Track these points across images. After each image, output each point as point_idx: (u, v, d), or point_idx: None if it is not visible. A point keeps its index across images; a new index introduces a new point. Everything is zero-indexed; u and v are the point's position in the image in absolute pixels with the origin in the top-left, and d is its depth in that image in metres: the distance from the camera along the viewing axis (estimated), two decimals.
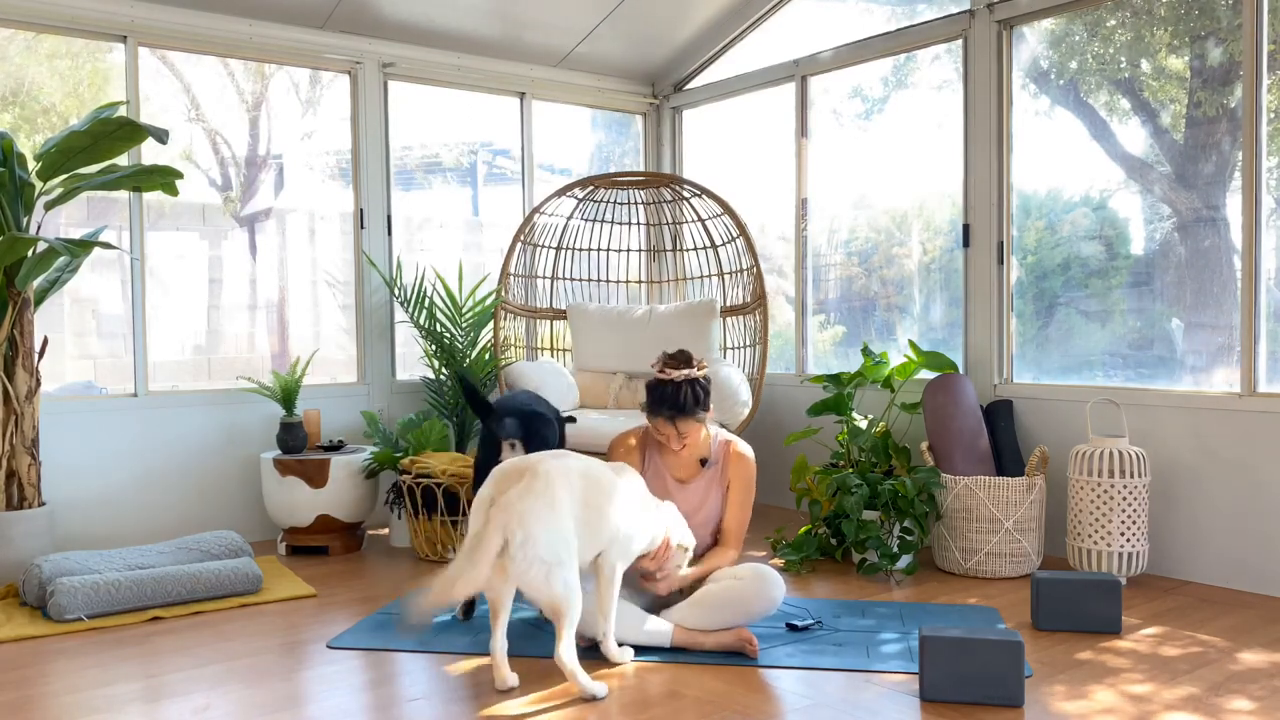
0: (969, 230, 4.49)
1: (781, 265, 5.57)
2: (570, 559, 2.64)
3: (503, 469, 2.72)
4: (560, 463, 2.73)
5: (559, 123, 5.82)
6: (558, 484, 2.66)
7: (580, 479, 2.75)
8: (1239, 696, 2.65)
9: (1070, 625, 3.20)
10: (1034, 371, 4.40)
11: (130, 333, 4.47)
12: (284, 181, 5.18)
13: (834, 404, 4.34)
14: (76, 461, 4.28)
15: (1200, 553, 3.80)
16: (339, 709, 2.61)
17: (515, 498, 2.60)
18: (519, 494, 2.60)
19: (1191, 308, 3.97)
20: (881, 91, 5.07)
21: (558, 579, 2.60)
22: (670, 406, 3.06)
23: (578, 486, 2.73)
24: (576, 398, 5.04)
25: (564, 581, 2.61)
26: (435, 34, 5.09)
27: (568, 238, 5.57)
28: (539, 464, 2.70)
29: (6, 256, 3.61)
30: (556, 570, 2.59)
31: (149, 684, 2.82)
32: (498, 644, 2.73)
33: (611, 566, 2.84)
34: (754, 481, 3.27)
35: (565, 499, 2.66)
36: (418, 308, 4.78)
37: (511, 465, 2.73)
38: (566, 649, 2.63)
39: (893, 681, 2.78)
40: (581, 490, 2.73)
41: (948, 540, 3.94)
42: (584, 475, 2.77)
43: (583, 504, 2.72)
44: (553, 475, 2.67)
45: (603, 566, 2.84)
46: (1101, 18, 4.21)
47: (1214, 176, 3.89)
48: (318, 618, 3.44)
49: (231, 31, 4.64)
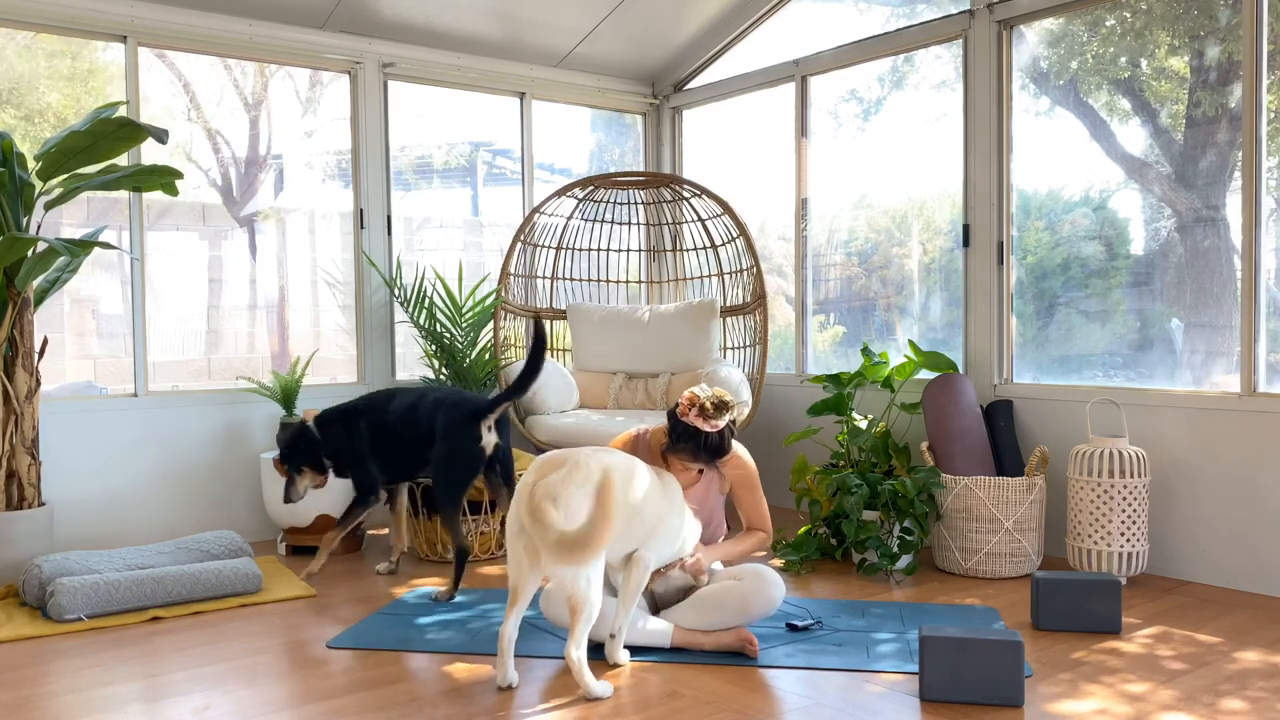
0: (969, 230, 4.49)
1: (781, 265, 5.57)
2: (597, 558, 2.64)
3: (545, 458, 2.75)
4: (601, 458, 2.74)
5: (559, 123, 5.82)
6: (597, 477, 2.67)
7: (620, 475, 2.74)
8: (1237, 697, 2.65)
9: (1070, 625, 3.20)
10: (1034, 371, 4.40)
11: (130, 333, 4.47)
12: (284, 181, 5.18)
13: (834, 404, 4.34)
14: (76, 461, 4.28)
15: (1200, 553, 3.80)
16: (339, 709, 2.61)
17: (558, 482, 2.62)
18: (561, 479, 2.63)
19: (1191, 308, 3.97)
20: (881, 91, 5.07)
21: (583, 572, 2.60)
22: (713, 454, 2.97)
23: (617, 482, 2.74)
24: (576, 398, 5.04)
25: (588, 577, 2.61)
26: (435, 34, 5.09)
27: (568, 238, 5.57)
28: (580, 456, 2.72)
29: (6, 256, 3.61)
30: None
31: (149, 684, 2.82)
32: (508, 632, 2.72)
33: (645, 565, 2.85)
34: (756, 474, 3.24)
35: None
36: (418, 308, 4.78)
37: (553, 454, 2.75)
38: (577, 646, 2.62)
39: (892, 681, 2.78)
40: (622, 490, 2.73)
41: (947, 540, 3.94)
42: (624, 472, 2.77)
43: (622, 503, 2.72)
44: (593, 468, 2.68)
45: (636, 563, 2.84)
46: (1101, 18, 4.21)
47: (1214, 176, 3.89)
48: (318, 618, 3.44)
49: (231, 31, 4.64)
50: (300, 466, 3.90)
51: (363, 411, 3.92)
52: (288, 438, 3.94)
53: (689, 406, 2.91)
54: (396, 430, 3.86)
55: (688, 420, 2.91)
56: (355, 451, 3.88)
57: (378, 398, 3.97)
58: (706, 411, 2.89)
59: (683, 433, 2.94)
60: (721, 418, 2.91)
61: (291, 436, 3.92)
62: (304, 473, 3.91)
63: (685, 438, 2.94)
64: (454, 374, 4.74)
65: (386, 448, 3.87)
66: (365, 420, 3.89)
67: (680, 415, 2.93)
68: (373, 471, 3.89)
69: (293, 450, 3.91)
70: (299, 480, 3.91)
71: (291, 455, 3.91)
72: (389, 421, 3.87)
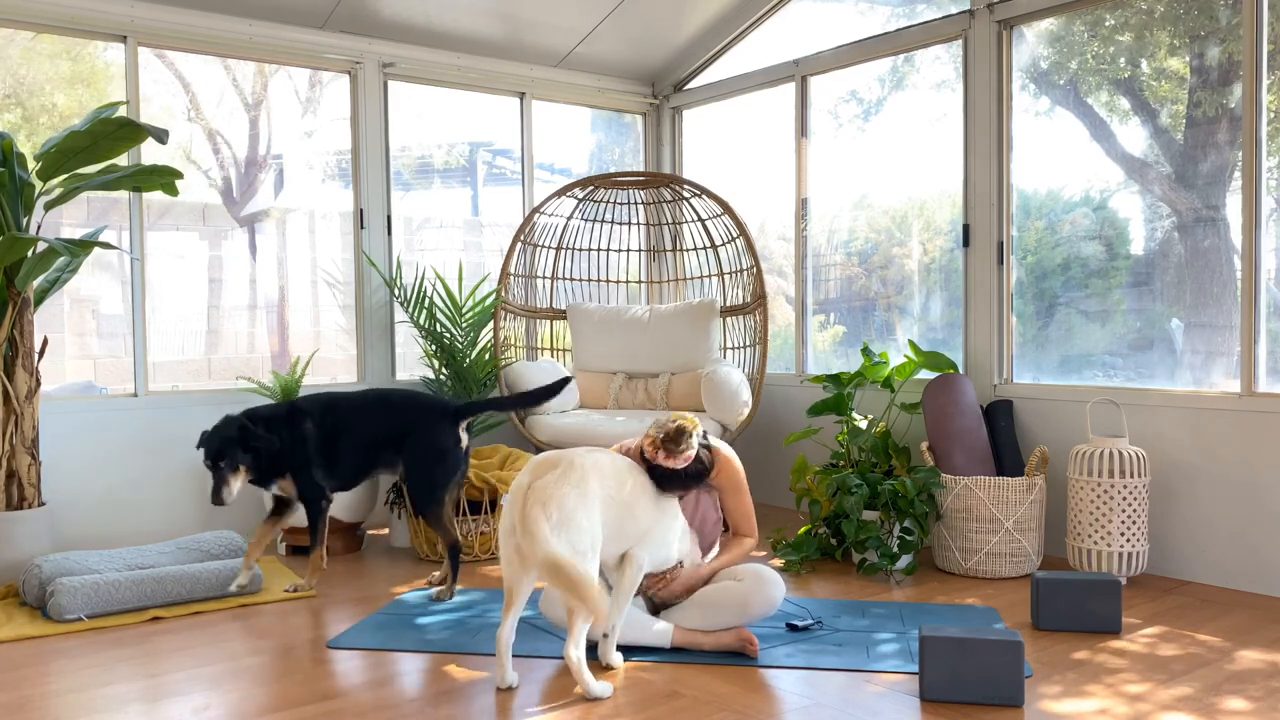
0: (969, 230, 4.49)
1: (781, 265, 5.57)
2: (593, 555, 2.66)
3: (539, 458, 2.76)
4: (596, 459, 2.77)
5: (559, 123, 5.82)
6: (591, 477, 2.70)
7: (613, 476, 2.79)
8: (1237, 697, 2.65)
9: (1070, 625, 3.20)
10: (1034, 371, 4.40)
11: (130, 333, 4.47)
12: (284, 181, 5.18)
13: (834, 404, 4.34)
14: (76, 461, 4.28)
15: (1200, 553, 3.80)
16: (339, 709, 2.61)
17: (552, 483, 2.64)
18: (555, 480, 2.65)
19: (1191, 308, 3.97)
20: (881, 91, 5.07)
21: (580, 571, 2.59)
22: (699, 480, 2.95)
23: (611, 484, 2.77)
24: (576, 398, 5.04)
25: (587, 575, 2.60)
26: (435, 34, 5.09)
27: (568, 238, 5.57)
28: (575, 456, 2.74)
29: (6, 256, 3.61)
30: (580, 563, 2.59)
31: (149, 684, 2.82)
32: (505, 634, 2.72)
33: (638, 565, 2.85)
34: (742, 476, 3.20)
35: (597, 494, 2.70)
36: (418, 308, 4.79)
37: (548, 455, 2.77)
38: (576, 645, 2.62)
39: (892, 681, 2.78)
40: (615, 488, 2.77)
41: (947, 540, 3.94)
42: (617, 473, 2.81)
43: (616, 501, 2.76)
44: (588, 469, 2.71)
45: (629, 563, 2.85)
46: (1101, 18, 4.21)
47: (1214, 176, 3.89)
48: (318, 618, 3.44)
49: (231, 31, 4.64)
50: (238, 465, 3.58)
51: (307, 412, 3.73)
52: (229, 434, 3.57)
53: (654, 450, 2.87)
54: (349, 433, 3.73)
55: (659, 463, 2.88)
56: (299, 454, 3.68)
57: (319, 399, 3.79)
58: (669, 446, 2.85)
59: (662, 475, 2.90)
60: (688, 446, 2.86)
61: (233, 433, 3.58)
62: (240, 472, 3.60)
63: (667, 479, 2.90)
64: (454, 374, 4.74)
65: (334, 451, 3.72)
66: (312, 420, 3.71)
67: (652, 460, 2.89)
68: (317, 476, 3.71)
69: (231, 448, 3.57)
70: (232, 479, 3.57)
71: (229, 453, 3.57)
72: (340, 423, 3.73)
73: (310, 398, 3.80)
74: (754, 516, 3.23)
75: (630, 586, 2.86)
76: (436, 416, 3.73)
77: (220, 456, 3.56)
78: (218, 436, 3.58)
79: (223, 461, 3.55)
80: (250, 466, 3.61)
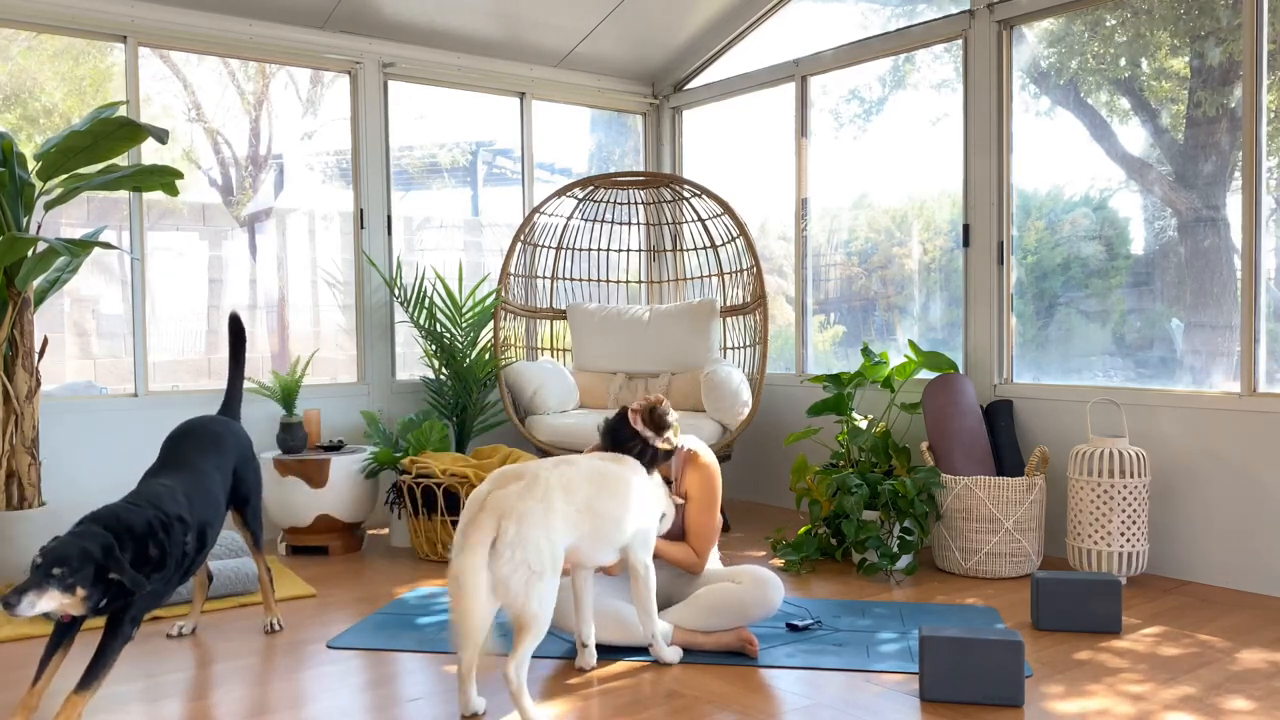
0: (969, 230, 4.49)
1: (781, 265, 5.58)
2: (552, 576, 2.51)
3: (502, 470, 2.64)
4: (562, 472, 2.63)
5: (559, 123, 5.83)
6: (556, 495, 2.56)
7: (585, 486, 2.65)
8: (1238, 696, 2.65)
9: (1070, 625, 3.20)
10: (1034, 371, 4.40)
11: (130, 332, 4.47)
12: (284, 181, 5.18)
13: (834, 404, 4.34)
14: (76, 461, 4.28)
15: (1200, 553, 3.80)
16: (339, 709, 2.61)
17: (513, 495, 2.51)
18: (517, 493, 2.52)
19: (1191, 308, 3.97)
20: (881, 91, 5.07)
21: (535, 591, 2.46)
22: (613, 443, 2.90)
23: (580, 497, 2.62)
24: (576, 398, 5.04)
25: (540, 596, 2.47)
26: (435, 34, 5.09)
27: (568, 238, 5.57)
28: (540, 470, 2.61)
29: (6, 256, 3.61)
30: (536, 582, 2.46)
31: (149, 684, 2.82)
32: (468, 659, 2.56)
33: (643, 565, 2.81)
34: (715, 487, 3.09)
35: (560, 512, 2.56)
36: (418, 308, 4.79)
37: (512, 468, 2.64)
38: (517, 667, 2.47)
39: (893, 681, 2.78)
40: (586, 499, 2.64)
41: (947, 540, 3.94)
42: (588, 481, 2.67)
43: (589, 512, 2.63)
44: (552, 485, 2.57)
45: (635, 566, 2.81)
46: (1101, 17, 4.21)
47: (1214, 176, 3.89)
48: (318, 618, 3.44)
49: (231, 31, 4.64)
50: (74, 590, 2.46)
51: (186, 521, 2.77)
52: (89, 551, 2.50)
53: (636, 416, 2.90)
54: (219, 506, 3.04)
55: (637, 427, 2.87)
56: (162, 579, 2.71)
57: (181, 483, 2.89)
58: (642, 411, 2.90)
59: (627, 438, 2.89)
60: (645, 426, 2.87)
61: (96, 554, 2.50)
62: (71, 598, 2.47)
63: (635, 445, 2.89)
64: (454, 374, 4.74)
65: (203, 545, 2.88)
66: (189, 525, 2.78)
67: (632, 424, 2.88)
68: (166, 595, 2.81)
69: (83, 567, 2.47)
70: (52, 597, 2.43)
71: (77, 572, 2.46)
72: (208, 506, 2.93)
73: (172, 487, 2.84)
74: (708, 538, 3.09)
75: (648, 592, 2.83)
76: (243, 432, 3.38)
77: (62, 565, 2.45)
78: (75, 547, 2.48)
79: (59, 570, 2.44)
80: (88, 599, 2.50)
